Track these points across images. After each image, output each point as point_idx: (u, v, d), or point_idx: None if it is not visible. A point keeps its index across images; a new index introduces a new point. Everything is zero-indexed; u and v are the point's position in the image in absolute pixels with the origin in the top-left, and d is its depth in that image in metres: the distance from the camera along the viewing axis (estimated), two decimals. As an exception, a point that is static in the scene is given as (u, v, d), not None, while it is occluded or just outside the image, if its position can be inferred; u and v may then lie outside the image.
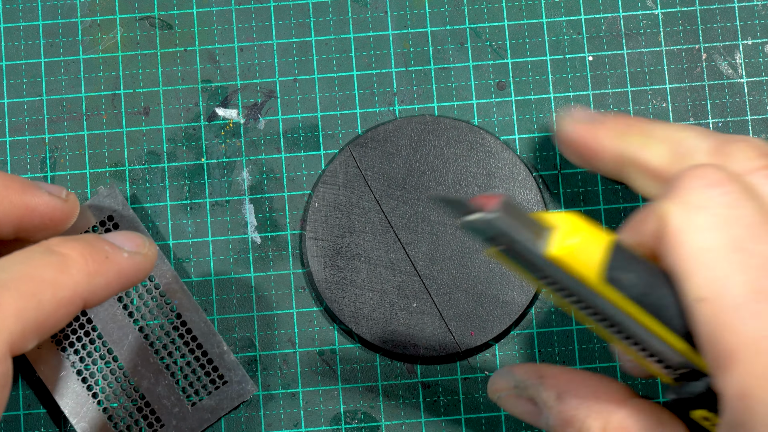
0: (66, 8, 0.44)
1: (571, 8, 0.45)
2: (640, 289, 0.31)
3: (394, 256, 0.42)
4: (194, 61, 0.44)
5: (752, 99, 0.44)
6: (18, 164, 0.44)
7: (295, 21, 0.45)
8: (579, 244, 0.31)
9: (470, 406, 0.43)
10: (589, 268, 0.31)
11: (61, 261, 0.33)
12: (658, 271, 0.31)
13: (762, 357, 0.28)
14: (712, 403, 0.31)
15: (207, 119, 0.44)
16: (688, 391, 0.32)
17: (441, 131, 0.43)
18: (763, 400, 0.28)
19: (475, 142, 0.43)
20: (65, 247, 0.33)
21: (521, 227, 0.31)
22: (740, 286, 0.29)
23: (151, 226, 0.43)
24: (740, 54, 0.44)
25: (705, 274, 0.30)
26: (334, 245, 0.42)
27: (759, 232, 0.30)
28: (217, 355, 0.41)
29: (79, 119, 0.44)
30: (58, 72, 0.44)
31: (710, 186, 0.31)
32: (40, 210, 0.36)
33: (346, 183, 0.43)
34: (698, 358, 0.31)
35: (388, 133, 0.43)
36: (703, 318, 0.30)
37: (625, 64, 0.44)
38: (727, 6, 0.45)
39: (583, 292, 0.31)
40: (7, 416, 0.42)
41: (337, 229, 0.43)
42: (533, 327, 0.43)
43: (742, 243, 0.30)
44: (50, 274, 0.32)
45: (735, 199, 0.31)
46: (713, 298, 0.29)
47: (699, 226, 0.30)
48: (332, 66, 0.44)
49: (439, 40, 0.44)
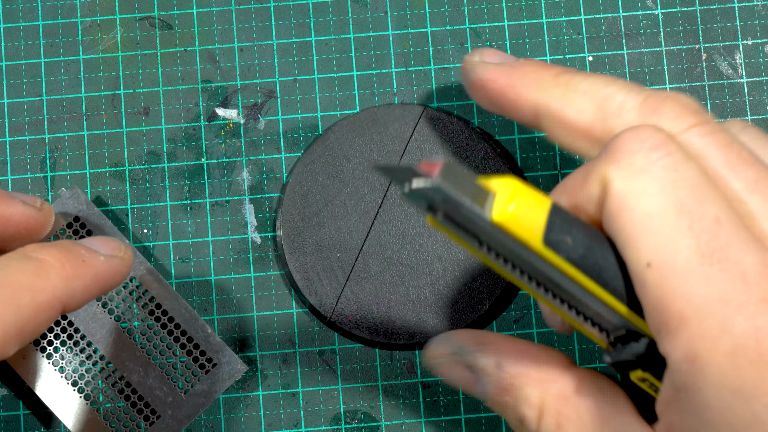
0: (66, 8, 0.44)
1: (571, 8, 0.45)
2: (580, 251, 0.31)
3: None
4: (194, 61, 0.44)
5: (752, 99, 0.44)
6: (18, 164, 0.44)
7: (295, 21, 0.45)
8: (520, 207, 0.30)
9: (470, 406, 0.43)
10: (531, 231, 0.30)
11: (38, 266, 0.33)
12: (597, 234, 0.31)
13: (710, 320, 0.29)
14: (650, 365, 0.31)
15: (207, 119, 0.44)
16: (628, 352, 0.32)
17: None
18: (711, 362, 0.29)
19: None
20: (42, 253, 0.34)
21: (464, 192, 0.30)
22: (687, 250, 0.29)
23: (151, 226, 0.43)
24: (740, 54, 0.44)
25: (651, 239, 0.29)
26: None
27: (703, 193, 0.30)
28: (202, 339, 0.41)
29: (79, 119, 0.44)
30: (58, 72, 0.44)
31: (651, 149, 0.30)
32: (15, 219, 0.36)
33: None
34: (638, 320, 0.31)
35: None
36: (651, 283, 0.29)
37: (625, 64, 0.44)
38: (727, 6, 0.45)
39: (524, 256, 0.31)
40: (7, 416, 0.42)
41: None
42: (533, 327, 0.43)
43: (687, 206, 0.30)
44: (28, 279, 0.33)
45: (676, 161, 0.30)
46: (660, 264, 0.29)
47: (643, 191, 0.30)
48: (332, 66, 0.44)
49: (439, 40, 0.44)
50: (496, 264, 0.32)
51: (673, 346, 0.29)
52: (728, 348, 0.28)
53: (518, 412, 0.35)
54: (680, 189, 0.30)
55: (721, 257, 0.29)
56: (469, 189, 0.30)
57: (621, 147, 0.31)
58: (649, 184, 0.30)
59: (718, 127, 0.33)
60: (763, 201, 0.31)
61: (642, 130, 0.31)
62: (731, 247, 0.29)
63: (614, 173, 0.30)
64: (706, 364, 0.29)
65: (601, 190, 0.31)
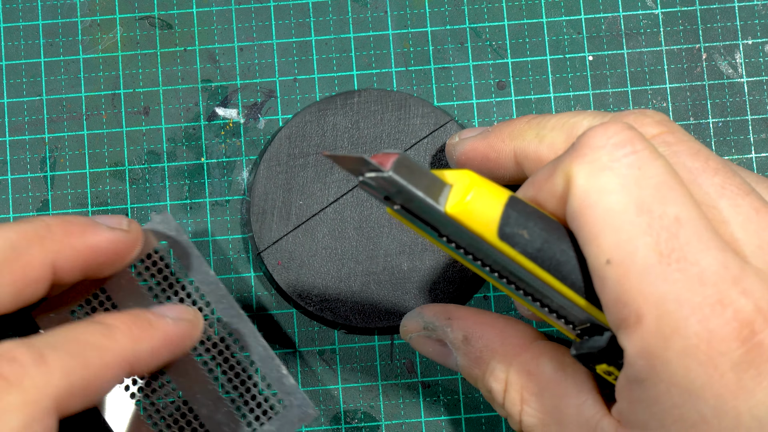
0: (66, 8, 0.44)
1: (571, 8, 0.45)
2: (537, 245, 0.31)
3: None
4: (194, 61, 0.44)
5: (752, 99, 0.44)
6: (18, 164, 0.44)
7: (295, 21, 0.45)
8: (476, 199, 0.30)
9: (470, 405, 0.43)
10: (486, 224, 0.31)
11: (106, 328, 0.33)
12: (558, 228, 0.31)
13: (665, 318, 0.29)
14: (613, 359, 0.32)
15: (207, 119, 0.44)
16: (590, 346, 0.32)
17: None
18: (663, 361, 0.29)
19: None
20: (109, 318, 0.34)
21: (418, 184, 0.30)
22: (646, 248, 0.29)
23: (151, 225, 0.43)
24: (740, 54, 0.44)
25: (611, 236, 0.30)
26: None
27: (665, 192, 0.30)
28: (276, 380, 0.40)
29: (79, 119, 0.44)
30: (58, 72, 0.44)
31: (617, 146, 0.30)
32: (103, 247, 0.35)
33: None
34: (598, 313, 0.31)
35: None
36: (610, 280, 0.30)
37: (625, 63, 0.44)
38: (727, 6, 0.45)
39: (481, 248, 0.31)
40: None
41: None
42: (534, 323, 0.43)
43: (647, 204, 0.30)
44: (96, 339, 0.33)
45: (642, 158, 0.30)
46: (620, 261, 0.29)
47: (605, 188, 0.30)
48: (332, 66, 0.44)
49: (439, 39, 0.44)
50: (457, 255, 0.32)
51: (630, 341, 0.30)
52: (680, 348, 0.29)
53: (487, 384, 0.35)
54: (642, 187, 0.30)
55: (679, 257, 0.29)
56: (423, 181, 0.30)
57: (587, 143, 0.31)
58: (612, 181, 0.30)
59: (685, 136, 0.33)
60: (731, 205, 0.31)
61: (609, 126, 0.31)
62: (690, 247, 0.29)
63: (578, 169, 0.31)
64: (658, 362, 0.29)
65: (565, 185, 0.31)
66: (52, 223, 0.34)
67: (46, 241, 0.33)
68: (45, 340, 0.31)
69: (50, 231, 0.34)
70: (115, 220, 0.36)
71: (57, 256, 0.34)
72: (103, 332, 0.33)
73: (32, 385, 0.30)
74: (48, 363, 0.31)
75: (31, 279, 0.33)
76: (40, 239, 0.33)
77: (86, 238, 0.35)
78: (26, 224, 0.34)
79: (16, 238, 0.33)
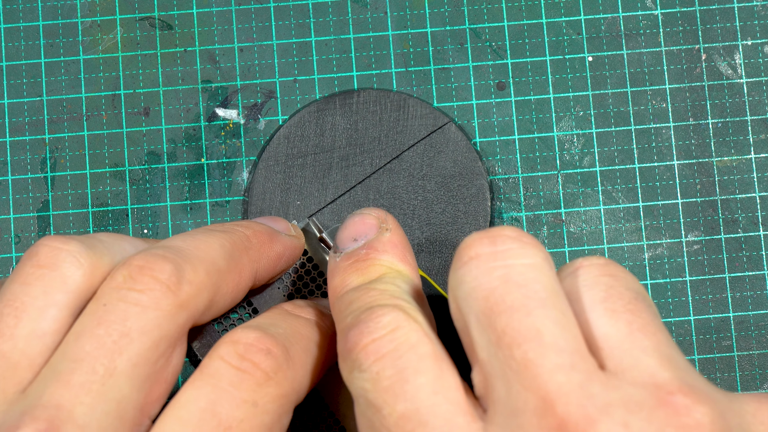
0: (66, 9, 0.44)
1: (570, 8, 0.45)
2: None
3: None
4: (194, 62, 0.44)
5: (752, 99, 0.44)
6: (18, 164, 0.44)
7: (295, 21, 0.45)
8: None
9: (470, 406, 0.43)
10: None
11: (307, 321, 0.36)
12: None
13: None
14: None
15: (207, 119, 0.44)
16: None
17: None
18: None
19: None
20: (304, 312, 0.36)
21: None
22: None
23: (151, 226, 0.43)
24: (740, 54, 0.44)
25: None
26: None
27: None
28: None
29: (79, 119, 0.44)
30: (58, 72, 0.44)
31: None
32: (287, 254, 0.38)
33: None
34: None
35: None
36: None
37: (625, 64, 0.44)
38: (726, 6, 0.45)
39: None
40: None
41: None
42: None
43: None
44: (307, 331, 0.35)
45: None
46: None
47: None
48: (332, 66, 0.44)
49: (439, 40, 0.44)
50: None
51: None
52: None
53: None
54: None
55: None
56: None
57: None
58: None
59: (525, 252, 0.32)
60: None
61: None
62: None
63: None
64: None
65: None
66: (249, 234, 0.36)
67: (251, 252, 0.36)
68: (274, 329, 0.33)
69: (250, 241, 0.36)
70: (283, 225, 0.39)
71: (258, 265, 0.36)
72: (305, 323, 0.35)
73: (284, 378, 0.32)
74: (293, 359, 0.33)
75: (244, 287, 0.35)
76: (246, 250, 0.36)
77: (274, 246, 0.37)
78: (232, 234, 0.36)
79: (231, 248, 0.35)
